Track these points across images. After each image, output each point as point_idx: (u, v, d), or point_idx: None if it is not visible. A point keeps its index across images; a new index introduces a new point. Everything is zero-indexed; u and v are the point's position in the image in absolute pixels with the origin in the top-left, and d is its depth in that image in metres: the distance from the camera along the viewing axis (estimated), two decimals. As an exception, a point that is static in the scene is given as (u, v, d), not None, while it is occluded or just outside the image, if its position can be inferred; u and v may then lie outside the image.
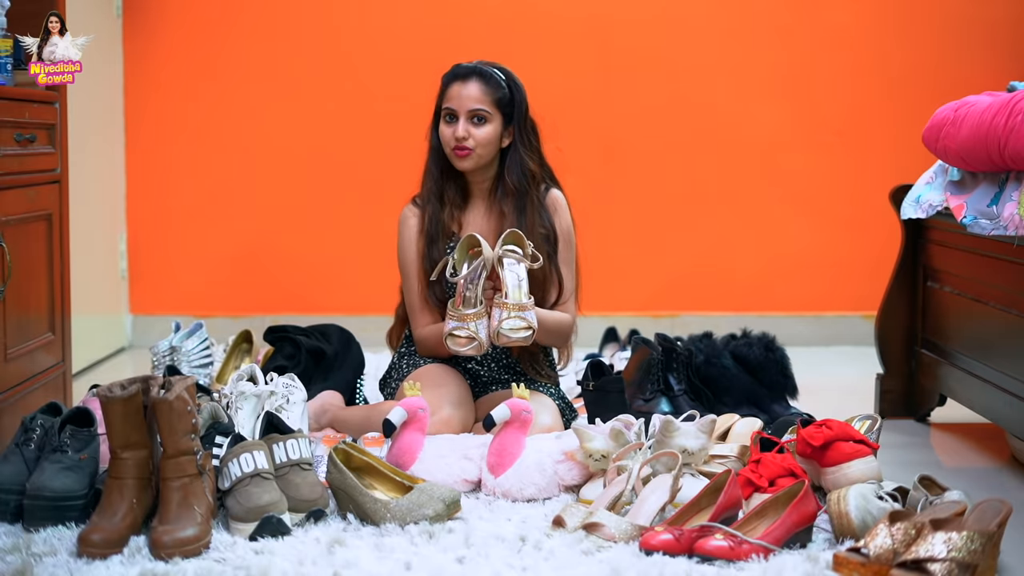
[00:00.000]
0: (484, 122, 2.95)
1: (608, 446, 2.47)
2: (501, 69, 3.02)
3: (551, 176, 3.09)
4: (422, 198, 3.05)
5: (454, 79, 3.00)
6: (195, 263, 4.65)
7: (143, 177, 4.61)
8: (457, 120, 2.95)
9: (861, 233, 4.59)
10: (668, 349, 3.08)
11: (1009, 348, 2.76)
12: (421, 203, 3.05)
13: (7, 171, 2.75)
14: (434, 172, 3.04)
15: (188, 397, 2.22)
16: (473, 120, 2.95)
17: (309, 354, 3.32)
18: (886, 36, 4.62)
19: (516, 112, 3.00)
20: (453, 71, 3.02)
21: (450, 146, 2.97)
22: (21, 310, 2.81)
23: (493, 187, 3.03)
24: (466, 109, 2.95)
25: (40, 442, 2.36)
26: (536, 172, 3.03)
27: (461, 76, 2.99)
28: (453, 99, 2.97)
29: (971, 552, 1.94)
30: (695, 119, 4.64)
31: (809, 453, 2.47)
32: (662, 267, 4.64)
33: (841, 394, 3.64)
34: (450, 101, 2.97)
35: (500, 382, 3.06)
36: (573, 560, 2.09)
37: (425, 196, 3.04)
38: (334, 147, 4.61)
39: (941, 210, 3.02)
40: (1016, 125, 2.61)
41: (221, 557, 2.09)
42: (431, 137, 3.05)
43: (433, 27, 4.57)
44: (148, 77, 4.58)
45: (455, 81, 2.99)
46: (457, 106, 2.96)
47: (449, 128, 2.97)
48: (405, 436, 2.52)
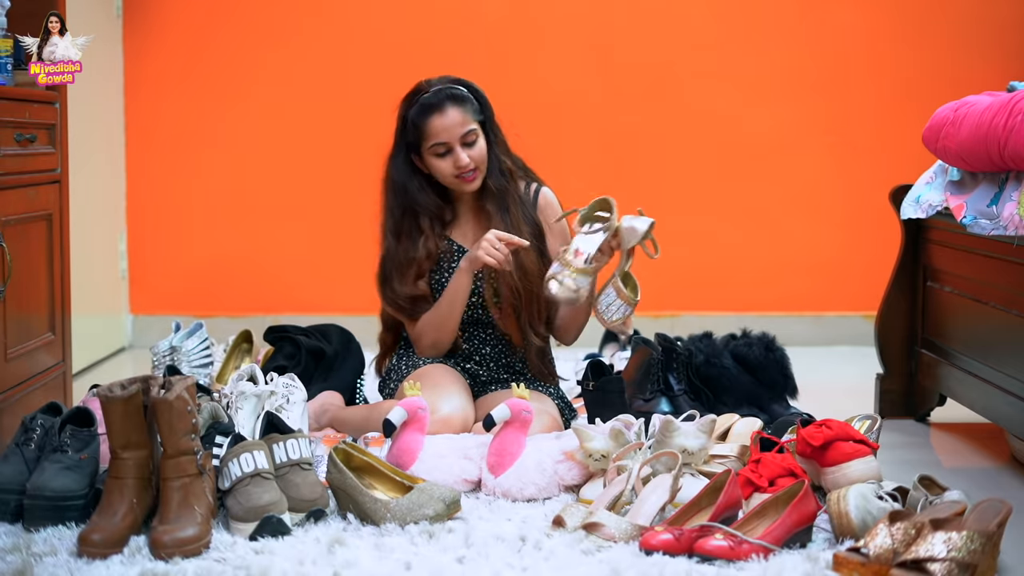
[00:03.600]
0: (476, 141, 2.94)
1: (608, 446, 2.47)
2: (456, 81, 2.96)
3: (523, 167, 3.07)
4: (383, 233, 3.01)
5: (429, 112, 2.90)
6: (195, 263, 4.65)
7: (143, 177, 4.61)
8: (452, 152, 2.91)
9: (861, 233, 4.59)
10: (668, 349, 3.08)
11: (1009, 348, 2.76)
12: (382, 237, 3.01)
13: (7, 171, 2.75)
14: (395, 210, 2.99)
15: (188, 397, 2.22)
16: (466, 145, 2.92)
17: (309, 354, 3.32)
18: (886, 36, 4.62)
19: (487, 117, 2.99)
20: (421, 105, 2.92)
21: (453, 176, 2.92)
22: (21, 310, 2.82)
23: (476, 192, 3.02)
24: (457, 137, 2.90)
25: (40, 442, 2.36)
26: (512, 169, 3.02)
27: (436, 107, 2.90)
28: (440, 134, 2.89)
29: (971, 552, 1.94)
30: (695, 119, 4.64)
31: (809, 453, 2.47)
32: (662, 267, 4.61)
33: (841, 394, 3.64)
34: (436, 136, 2.89)
35: (500, 382, 3.06)
36: (573, 560, 2.09)
37: (384, 232, 3.00)
38: (334, 147, 4.62)
39: (941, 210, 3.02)
40: (1016, 125, 2.61)
41: (221, 557, 2.09)
42: (392, 172, 2.99)
43: (433, 27, 4.57)
44: (148, 77, 4.58)
45: (431, 115, 2.90)
46: (448, 138, 2.89)
47: (446, 161, 2.91)
48: (405, 436, 2.52)
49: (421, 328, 3.00)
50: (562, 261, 2.69)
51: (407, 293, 2.97)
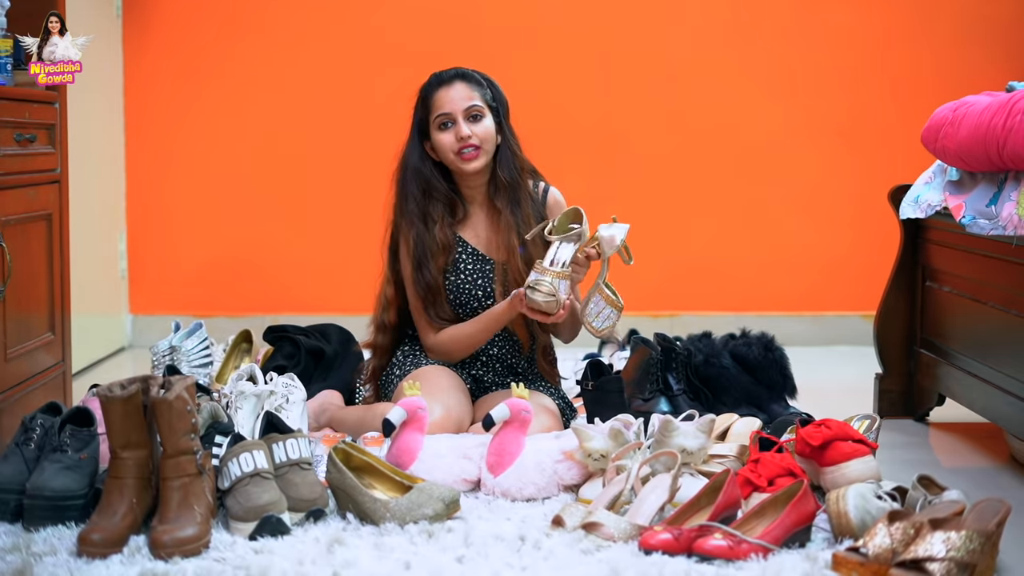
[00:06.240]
0: (481, 118, 2.95)
1: (607, 446, 2.47)
2: (474, 71, 3.01)
3: (531, 168, 3.08)
4: (406, 220, 2.99)
5: (437, 86, 2.96)
6: (195, 263, 4.66)
7: (143, 177, 4.61)
8: (455, 124, 2.93)
9: (860, 233, 4.59)
10: (667, 349, 3.08)
11: (1008, 348, 2.76)
12: (407, 225, 2.98)
13: (7, 171, 2.75)
14: (416, 194, 2.98)
15: (188, 397, 2.22)
16: (470, 118, 2.94)
17: (309, 354, 3.32)
18: (886, 36, 4.62)
19: (501, 108, 3.00)
20: (432, 80, 2.99)
21: (454, 150, 2.93)
22: (21, 310, 2.82)
23: (487, 189, 3.02)
24: (462, 109, 2.93)
25: (40, 442, 2.37)
26: (526, 163, 3.03)
27: (445, 81, 2.96)
28: (445, 104, 2.93)
29: (970, 552, 1.94)
30: (695, 118, 4.64)
31: (808, 453, 2.47)
32: (661, 267, 4.64)
33: (840, 394, 3.64)
34: (441, 108, 2.93)
35: (501, 385, 3.06)
36: (572, 560, 2.09)
37: (409, 219, 2.98)
38: (334, 147, 4.62)
39: (940, 210, 3.02)
40: (1015, 125, 2.61)
41: (221, 557, 2.10)
42: (408, 157, 3.00)
43: (433, 27, 4.58)
44: (148, 77, 4.58)
45: (439, 88, 2.95)
46: (452, 109, 2.93)
47: (448, 134, 2.93)
48: (404, 436, 2.52)
49: (441, 340, 2.99)
50: (539, 270, 2.76)
51: (437, 283, 2.96)
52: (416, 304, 3.01)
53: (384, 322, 3.10)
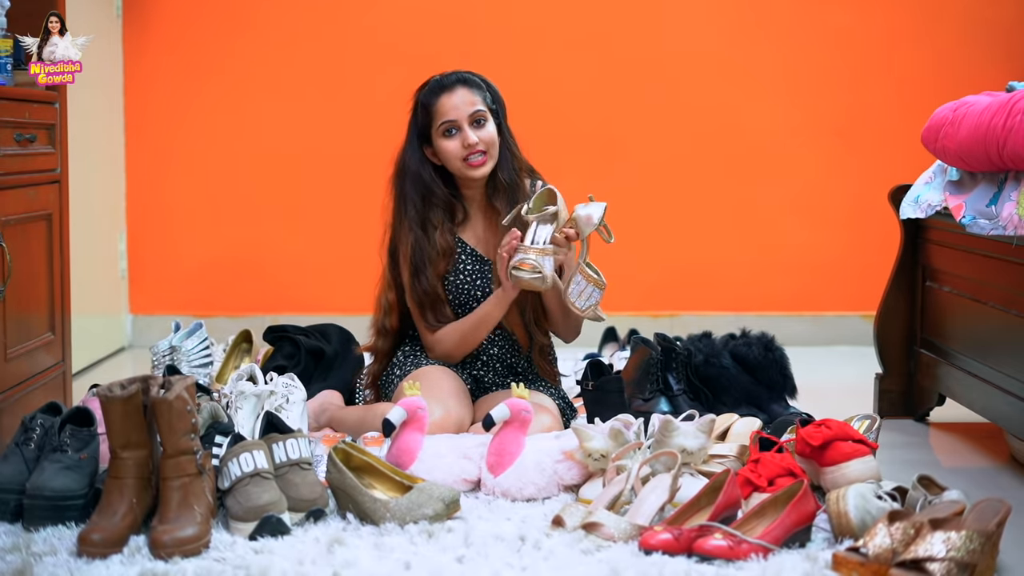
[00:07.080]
0: (485, 122, 2.94)
1: (607, 446, 2.47)
2: (472, 74, 2.99)
3: (529, 168, 3.07)
4: (405, 226, 2.96)
5: (439, 91, 2.93)
6: (195, 263, 4.65)
7: (143, 177, 4.61)
8: (460, 131, 2.91)
9: (860, 233, 4.59)
10: (667, 349, 3.08)
11: (1008, 348, 2.76)
12: (405, 231, 2.97)
13: (7, 171, 2.75)
14: (415, 199, 2.96)
15: (188, 397, 2.22)
16: (475, 124, 2.93)
17: (309, 354, 3.32)
18: (886, 36, 4.62)
19: (500, 110, 3.00)
20: (431, 86, 2.96)
21: (461, 158, 2.91)
22: (21, 310, 2.82)
23: (486, 191, 3.02)
24: (466, 115, 2.91)
25: (40, 442, 2.37)
26: (524, 164, 3.03)
27: (447, 87, 2.93)
28: (449, 111, 2.91)
29: (970, 552, 1.94)
30: (694, 118, 4.64)
31: (808, 453, 2.47)
32: (661, 267, 4.64)
33: (840, 394, 3.64)
34: (445, 115, 2.91)
35: (501, 385, 3.06)
36: (572, 560, 2.09)
37: (407, 225, 2.96)
38: (334, 147, 4.62)
39: (940, 210, 3.02)
40: (1015, 125, 2.61)
41: (221, 557, 2.10)
42: (407, 161, 2.97)
43: (433, 27, 4.57)
44: (148, 77, 4.58)
45: (441, 94, 2.93)
46: (456, 116, 2.90)
47: (453, 141, 2.91)
48: (404, 436, 2.52)
49: (439, 338, 2.99)
50: (521, 250, 2.76)
51: (435, 290, 2.96)
52: (414, 309, 3.02)
53: (385, 327, 3.09)
